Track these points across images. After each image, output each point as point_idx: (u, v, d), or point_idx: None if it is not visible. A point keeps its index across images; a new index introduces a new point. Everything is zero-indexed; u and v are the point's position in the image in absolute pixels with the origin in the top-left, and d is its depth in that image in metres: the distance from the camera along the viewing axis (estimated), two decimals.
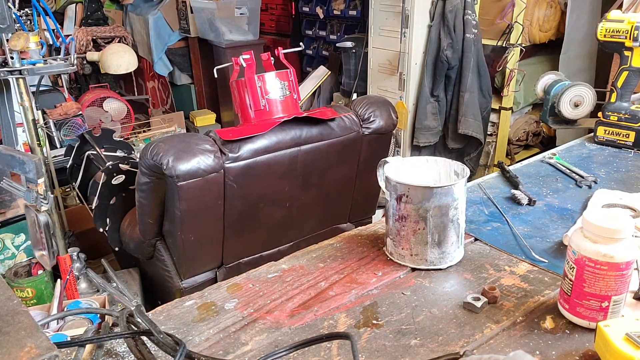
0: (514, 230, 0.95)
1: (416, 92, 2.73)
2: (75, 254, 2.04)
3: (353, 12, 3.49)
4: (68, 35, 3.88)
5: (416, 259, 0.85)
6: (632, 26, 1.26)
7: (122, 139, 2.62)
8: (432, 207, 0.80)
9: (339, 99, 3.37)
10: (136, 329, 0.66)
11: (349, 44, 3.06)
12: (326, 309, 0.75)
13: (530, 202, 1.05)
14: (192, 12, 3.94)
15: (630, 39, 1.27)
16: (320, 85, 3.57)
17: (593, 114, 1.44)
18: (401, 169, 0.89)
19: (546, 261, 0.85)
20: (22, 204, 2.09)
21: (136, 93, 4.69)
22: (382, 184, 0.87)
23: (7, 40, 1.92)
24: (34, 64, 2.00)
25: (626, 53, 1.30)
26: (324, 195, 1.87)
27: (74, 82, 4.19)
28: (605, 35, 1.31)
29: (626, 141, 1.32)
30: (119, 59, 3.69)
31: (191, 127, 3.97)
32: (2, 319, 0.50)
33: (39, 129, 2.07)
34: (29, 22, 2.08)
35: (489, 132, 2.90)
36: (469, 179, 1.02)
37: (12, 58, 1.96)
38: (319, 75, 3.59)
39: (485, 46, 2.73)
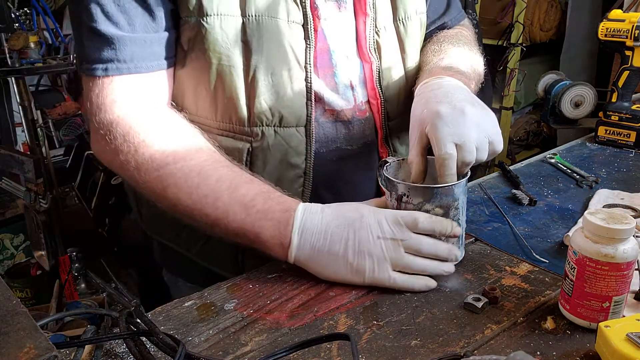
0: (515, 230, 0.95)
1: None
2: (74, 254, 2.04)
3: None
4: (67, 35, 3.87)
5: None
6: (633, 26, 1.26)
7: None
8: (433, 207, 0.80)
9: None
10: (135, 329, 0.66)
11: None
12: (326, 310, 0.75)
13: (531, 202, 1.04)
14: None
15: (631, 38, 1.27)
16: None
17: (594, 114, 1.44)
18: (401, 169, 0.89)
19: (547, 261, 0.85)
20: (22, 204, 2.10)
21: None
22: (382, 183, 0.87)
23: (7, 39, 1.92)
24: (33, 64, 2.00)
25: (627, 53, 1.30)
26: None
27: (73, 81, 4.19)
28: (606, 35, 1.31)
29: (627, 141, 1.32)
30: None
31: None
32: (1, 319, 0.50)
33: (38, 129, 2.07)
34: (28, 21, 2.09)
35: None
36: (470, 179, 1.02)
37: (11, 58, 1.96)
38: None
39: (485, 46, 2.72)
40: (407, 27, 1.02)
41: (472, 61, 1.07)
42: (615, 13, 1.32)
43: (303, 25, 0.89)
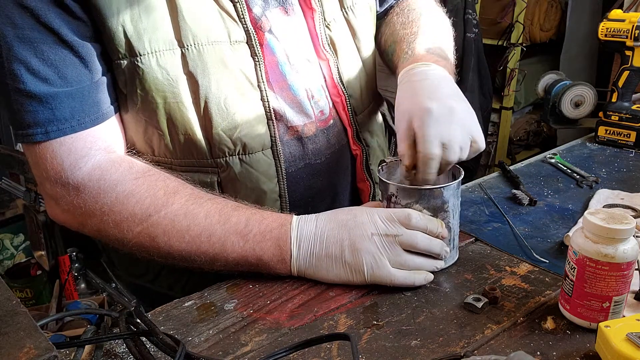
0: (515, 230, 0.95)
1: None
2: (74, 254, 2.04)
3: None
4: None
5: None
6: (633, 26, 1.26)
7: None
8: (421, 209, 0.79)
9: None
10: (135, 329, 0.66)
11: None
12: (326, 310, 0.75)
13: (531, 202, 1.04)
14: None
15: (631, 38, 1.26)
16: None
17: (594, 114, 1.44)
18: (399, 169, 0.89)
19: (547, 261, 0.85)
20: (22, 204, 2.10)
21: None
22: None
23: None
24: None
25: (627, 53, 1.30)
26: None
27: None
28: (606, 35, 1.31)
29: (627, 141, 1.32)
30: None
31: None
32: (1, 319, 0.50)
33: None
34: None
35: (489, 132, 2.90)
36: (470, 179, 1.02)
37: None
38: None
39: (485, 46, 2.73)
40: (355, 12, 0.99)
41: (445, 32, 1.05)
42: (615, 13, 1.32)
43: (247, 43, 0.84)
